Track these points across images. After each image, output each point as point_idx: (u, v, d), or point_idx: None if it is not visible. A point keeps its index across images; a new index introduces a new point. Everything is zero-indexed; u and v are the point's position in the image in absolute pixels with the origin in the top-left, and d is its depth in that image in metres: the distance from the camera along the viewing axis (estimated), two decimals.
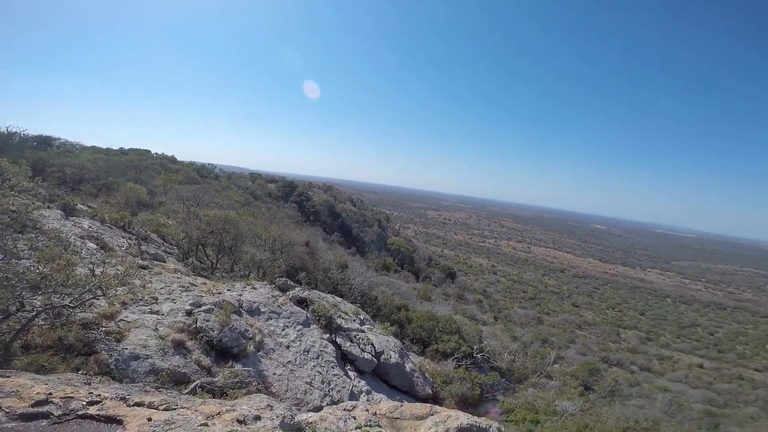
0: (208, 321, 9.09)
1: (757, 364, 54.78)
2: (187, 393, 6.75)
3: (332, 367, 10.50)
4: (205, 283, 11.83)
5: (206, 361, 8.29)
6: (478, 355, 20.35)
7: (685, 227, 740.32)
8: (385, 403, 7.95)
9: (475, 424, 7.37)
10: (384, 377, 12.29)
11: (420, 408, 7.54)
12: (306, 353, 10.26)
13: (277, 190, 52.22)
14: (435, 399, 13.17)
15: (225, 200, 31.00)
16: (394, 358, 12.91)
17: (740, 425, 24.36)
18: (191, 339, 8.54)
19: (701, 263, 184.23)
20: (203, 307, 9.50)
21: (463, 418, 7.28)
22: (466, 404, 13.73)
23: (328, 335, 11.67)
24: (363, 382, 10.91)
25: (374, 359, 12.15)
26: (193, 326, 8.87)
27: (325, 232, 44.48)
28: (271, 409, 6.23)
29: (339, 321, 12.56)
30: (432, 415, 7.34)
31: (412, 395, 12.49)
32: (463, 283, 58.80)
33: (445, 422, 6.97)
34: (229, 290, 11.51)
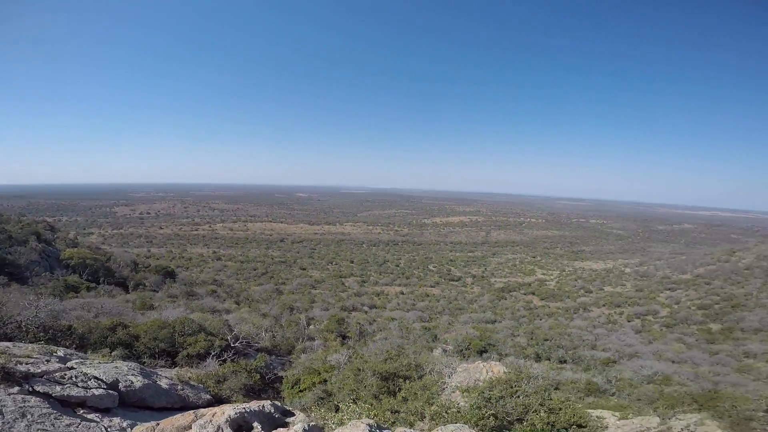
0: None
1: (429, 282, 77.88)
2: None
3: (56, 418, 7.26)
4: None
5: None
6: (237, 344, 18.18)
7: (361, 185, 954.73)
8: (137, 428, 7.09)
9: (245, 410, 7.34)
10: (142, 404, 9.40)
11: (182, 418, 7.13)
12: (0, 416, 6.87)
13: None
14: (219, 401, 11.26)
15: None
16: (139, 381, 9.85)
17: (447, 332, 33.40)
18: None
19: (376, 212, 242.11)
20: None
21: (230, 410, 7.12)
22: (254, 392, 12.82)
23: (17, 388, 7.48)
24: (117, 419, 8.18)
25: (111, 392, 8.82)
26: None
27: None
28: None
29: (25, 368, 7.91)
30: (198, 419, 7.02)
31: (191, 408, 10.01)
32: (188, 279, 51.51)
33: (211, 421, 6.81)
34: None
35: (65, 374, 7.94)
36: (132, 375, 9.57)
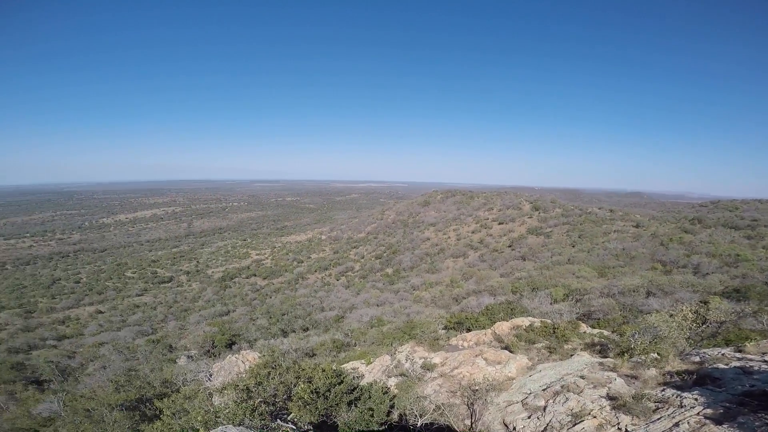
0: None
1: (134, 291, 65.16)
2: None
3: None
4: None
5: None
6: None
7: None
8: None
9: None
10: None
11: None
12: None
13: None
14: None
15: None
16: None
17: (183, 337, 29.78)
18: None
19: (13, 219, 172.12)
20: None
21: None
22: None
23: None
24: None
25: None
26: None
27: None
28: None
29: None
30: None
31: None
32: None
33: None
34: None
35: None
36: None
